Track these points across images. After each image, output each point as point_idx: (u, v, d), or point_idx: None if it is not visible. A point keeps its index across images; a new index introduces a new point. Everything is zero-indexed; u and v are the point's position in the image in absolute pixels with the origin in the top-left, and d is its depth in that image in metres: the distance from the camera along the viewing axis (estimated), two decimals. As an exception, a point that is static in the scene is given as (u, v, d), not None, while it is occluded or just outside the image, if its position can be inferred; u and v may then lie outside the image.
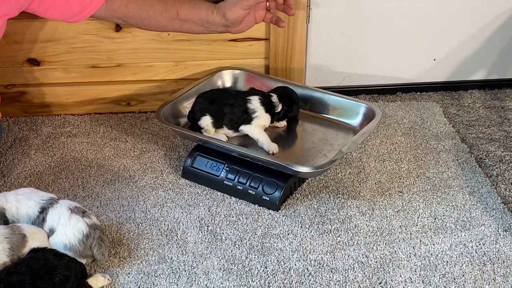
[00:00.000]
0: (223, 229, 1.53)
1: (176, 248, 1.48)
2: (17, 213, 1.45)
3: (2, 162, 1.74)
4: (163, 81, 1.93)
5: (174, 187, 1.67)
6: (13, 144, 1.81)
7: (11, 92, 1.89)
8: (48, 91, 1.92)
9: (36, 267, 1.27)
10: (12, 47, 1.83)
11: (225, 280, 1.40)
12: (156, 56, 1.89)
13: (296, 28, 1.85)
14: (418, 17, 1.95)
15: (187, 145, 1.82)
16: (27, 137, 1.84)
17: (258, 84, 1.85)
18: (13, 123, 1.89)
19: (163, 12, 1.61)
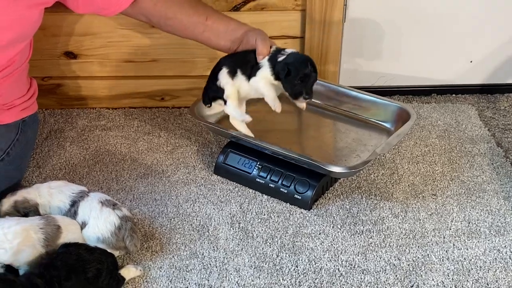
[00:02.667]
0: (255, 227, 1.53)
1: (207, 244, 1.48)
2: (49, 206, 1.48)
3: (38, 153, 1.76)
4: (197, 77, 1.94)
5: (206, 183, 1.68)
6: (49, 136, 1.83)
7: (47, 84, 1.91)
8: (84, 84, 1.94)
9: (70, 262, 1.29)
10: (50, 40, 1.85)
11: (256, 278, 1.40)
12: (191, 52, 1.90)
13: (332, 26, 1.84)
14: (455, 18, 1.93)
15: (220, 142, 1.82)
16: (62, 129, 1.86)
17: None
18: (49, 115, 1.92)
19: (192, 15, 1.58)
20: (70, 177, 1.68)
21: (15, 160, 1.56)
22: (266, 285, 1.38)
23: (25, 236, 1.34)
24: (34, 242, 1.35)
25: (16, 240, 1.33)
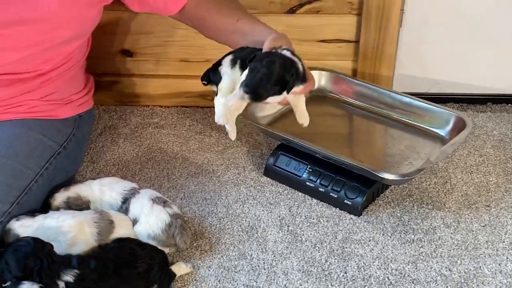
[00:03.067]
0: (304, 230, 1.53)
1: (256, 246, 1.49)
2: (101, 203, 1.50)
3: (92, 148, 1.79)
4: (249, 78, 1.94)
5: (256, 184, 1.68)
6: (103, 131, 1.87)
7: (103, 81, 1.94)
8: (138, 82, 1.97)
9: (122, 256, 1.31)
10: (108, 38, 1.88)
11: (304, 282, 1.40)
12: (244, 53, 1.91)
13: (388, 31, 1.83)
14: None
15: (270, 144, 1.82)
16: (116, 126, 1.89)
17: (345, 87, 1.84)
18: (103, 111, 1.95)
19: (225, 17, 1.54)
20: (122, 173, 1.70)
21: (71, 154, 1.60)
22: (314, 289, 1.39)
23: (79, 230, 1.37)
24: (88, 236, 1.37)
25: (70, 233, 1.36)
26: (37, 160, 1.49)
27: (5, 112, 1.51)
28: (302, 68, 1.35)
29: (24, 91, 1.51)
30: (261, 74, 1.28)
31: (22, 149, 1.47)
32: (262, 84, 1.29)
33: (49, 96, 1.56)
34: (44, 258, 1.24)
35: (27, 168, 1.46)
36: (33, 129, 1.52)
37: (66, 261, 1.27)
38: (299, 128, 1.71)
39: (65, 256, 1.29)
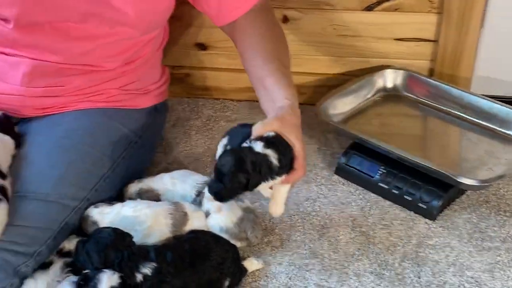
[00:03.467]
0: (376, 232, 1.51)
1: (327, 245, 1.47)
2: (173, 196, 1.51)
3: (165, 140, 1.81)
4: (323, 74, 1.93)
5: (327, 182, 1.66)
6: (176, 123, 1.88)
7: (177, 73, 1.96)
8: (211, 75, 1.97)
9: (197, 248, 1.32)
10: (183, 31, 1.89)
11: (377, 285, 1.38)
12: (319, 49, 1.89)
13: (469, 32, 1.77)
14: None
15: (342, 142, 1.79)
16: (188, 118, 1.90)
17: (421, 87, 1.80)
18: (176, 103, 1.97)
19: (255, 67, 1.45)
20: (194, 166, 1.71)
21: (146, 144, 1.62)
22: (387, 293, 1.36)
23: (155, 220, 1.38)
24: (163, 226, 1.39)
25: (146, 223, 1.37)
26: (114, 149, 1.51)
27: (86, 101, 1.54)
28: (288, 157, 1.27)
29: (104, 80, 1.54)
30: (219, 175, 1.24)
31: (101, 138, 1.50)
32: (219, 188, 1.24)
33: (128, 85, 1.58)
34: (124, 250, 1.26)
35: (105, 156, 1.48)
36: (112, 119, 1.54)
37: (145, 253, 1.28)
38: (372, 127, 1.71)
39: (143, 247, 1.31)
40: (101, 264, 1.24)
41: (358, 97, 1.79)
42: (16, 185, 1.35)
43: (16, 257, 1.27)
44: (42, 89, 1.49)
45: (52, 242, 1.35)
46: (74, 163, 1.42)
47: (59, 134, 1.47)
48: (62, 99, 1.52)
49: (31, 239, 1.30)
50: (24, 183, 1.36)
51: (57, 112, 1.52)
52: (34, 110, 1.52)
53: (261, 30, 1.48)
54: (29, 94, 1.49)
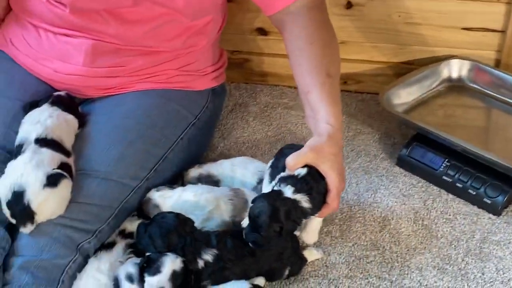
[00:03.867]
0: (439, 226, 1.47)
1: (389, 237, 1.44)
2: (232, 182, 1.50)
3: (223, 124, 1.80)
4: (385, 63, 1.88)
5: (388, 174, 1.63)
6: (234, 109, 1.87)
7: (236, 58, 1.94)
8: (270, 61, 1.95)
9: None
10: (244, 15, 1.87)
11: (439, 280, 1.34)
12: (382, 36, 1.84)
13: (540, 22, 1.71)
14: None
15: (403, 132, 1.75)
16: (246, 104, 1.89)
17: (487, 78, 1.75)
18: (234, 88, 1.95)
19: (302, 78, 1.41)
20: (252, 152, 1.70)
21: (203, 127, 1.61)
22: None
23: (215, 205, 1.38)
24: (223, 212, 1.38)
25: (207, 208, 1.37)
26: (173, 130, 1.51)
27: (145, 81, 1.54)
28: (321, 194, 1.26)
29: (163, 61, 1.54)
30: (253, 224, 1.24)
31: (161, 119, 1.50)
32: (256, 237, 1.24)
33: (186, 67, 1.58)
34: (187, 235, 1.26)
35: (164, 137, 1.49)
36: (171, 100, 1.54)
37: (206, 239, 1.28)
38: (437, 118, 1.66)
39: (205, 233, 1.31)
40: (164, 248, 1.25)
41: (422, 87, 1.75)
42: (79, 163, 1.37)
43: (79, 234, 1.29)
44: (103, 69, 1.50)
45: (113, 221, 1.36)
46: (134, 143, 1.43)
47: (120, 115, 1.48)
48: (123, 80, 1.52)
49: (93, 217, 1.32)
50: (86, 162, 1.38)
51: (119, 93, 1.53)
52: (96, 90, 1.53)
53: (309, 30, 1.42)
54: (91, 75, 1.50)
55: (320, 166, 1.26)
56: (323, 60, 1.39)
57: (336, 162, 1.28)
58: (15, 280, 1.21)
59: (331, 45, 1.44)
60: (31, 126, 1.35)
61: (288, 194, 1.23)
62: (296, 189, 1.24)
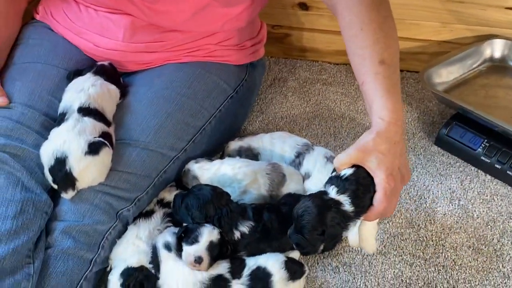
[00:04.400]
0: (475, 207, 1.46)
1: (424, 216, 1.44)
2: (271, 155, 1.51)
3: (262, 99, 1.81)
4: (426, 41, 1.86)
5: (426, 153, 1.62)
6: (273, 83, 1.87)
7: (276, 33, 1.94)
8: (310, 36, 1.94)
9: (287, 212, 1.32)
10: (286, -11, 1.87)
11: (474, 260, 1.34)
12: (423, 14, 1.82)
13: None
14: None
15: (443, 112, 1.74)
16: (285, 79, 1.89)
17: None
18: (273, 63, 1.95)
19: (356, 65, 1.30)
20: (290, 127, 1.71)
21: (241, 100, 1.62)
22: (484, 269, 1.32)
23: (253, 179, 1.39)
24: (260, 185, 1.40)
25: (244, 181, 1.38)
26: (213, 102, 1.53)
27: (186, 56, 1.55)
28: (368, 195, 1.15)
29: (203, 36, 1.54)
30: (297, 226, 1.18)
31: (200, 90, 1.51)
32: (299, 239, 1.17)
33: (225, 41, 1.58)
34: (223, 207, 1.28)
35: (204, 108, 1.50)
36: (210, 72, 1.55)
37: (243, 211, 1.30)
38: (477, 98, 1.64)
39: (241, 206, 1.32)
40: (200, 219, 1.27)
41: (464, 66, 1.73)
42: (119, 133, 1.40)
43: (118, 201, 1.32)
44: (142, 44, 1.51)
45: (152, 190, 1.39)
46: (174, 114, 1.45)
47: (160, 85, 1.50)
48: (162, 55, 1.54)
49: (133, 185, 1.35)
50: (126, 131, 1.41)
51: (159, 65, 1.55)
52: (136, 65, 1.55)
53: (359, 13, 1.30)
54: (130, 50, 1.51)
55: (366, 165, 1.15)
56: (375, 47, 1.27)
57: (385, 160, 1.15)
58: (58, 243, 1.25)
59: (385, 26, 1.30)
60: (75, 94, 1.38)
61: (332, 195, 1.16)
62: (339, 190, 1.16)
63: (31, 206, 1.24)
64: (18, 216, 1.21)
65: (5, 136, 1.32)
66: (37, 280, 1.20)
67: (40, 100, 1.41)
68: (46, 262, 1.23)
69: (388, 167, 1.14)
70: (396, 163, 1.16)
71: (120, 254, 1.29)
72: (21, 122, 1.35)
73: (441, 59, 1.70)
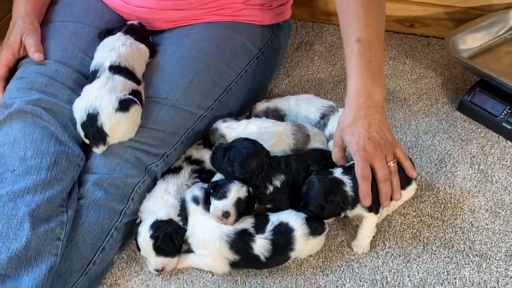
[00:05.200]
0: (495, 172, 1.49)
1: (444, 179, 1.47)
2: (297, 117, 1.55)
3: (288, 62, 1.84)
4: (452, 7, 1.86)
5: (448, 118, 1.64)
6: (299, 47, 1.90)
7: (304, -4, 1.96)
8: (337, 0, 1.95)
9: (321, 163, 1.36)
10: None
11: (491, 222, 1.38)
12: (449, -20, 1.83)
13: None
14: None
15: (467, 78, 1.76)
16: (312, 43, 1.91)
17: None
18: (300, 27, 1.97)
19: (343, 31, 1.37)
20: (315, 90, 1.74)
21: (267, 60, 1.65)
22: (501, 231, 1.36)
23: (278, 139, 1.43)
24: (285, 145, 1.43)
25: (270, 141, 1.42)
26: (239, 62, 1.56)
27: (212, 14, 1.58)
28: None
29: None
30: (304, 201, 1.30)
31: (227, 50, 1.54)
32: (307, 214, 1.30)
33: (252, 0, 1.60)
34: (265, 163, 1.32)
35: (230, 68, 1.53)
36: (237, 32, 1.58)
37: (277, 164, 1.34)
38: (502, 65, 1.65)
39: (275, 158, 1.36)
40: (241, 174, 1.31)
41: (489, 33, 1.74)
42: (149, 91, 1.44)
43: (147, 157, 1.37)
44: (170, 2, 1.54)
45: (180, 147, 1.43)
46: (201, 73, 1.48)
47: (188, 45, 1.53)
48: (190, 13, 1.56)
49: (161, 142, 1.39)
50: (155, 89, 1.44)
51: (187, 24, 1.58)
52: (164, 22, 1.58)
53: None
54: (159, 7, 1.54)
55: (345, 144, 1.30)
56: (355, 26, 1.32)
57: (354, 133, 1.27)
58: (89, 194, 1.31)
59: (370, 3, 1.33)
60: (106, 53, 1.41)
61: (336, 174, 1.28)
62: (344, 170, 1.28)
63: (64, 158, 1.30)
64: (52, 168, 1.27)
65: (40, 91, 1.37)
66: (70, 228, 1.26)
67: (73, 57, 1.45)
68: (78, 212, 1.29)
69: (357, 141, 1.26)
70: (367, 134, 1.26)
71: (150, 207, 1.35)
72: (55, 78, 1.40)
73: (466, 26, 1.71)
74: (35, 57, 1.41)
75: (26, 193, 1.22)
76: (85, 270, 1.28)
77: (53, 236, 1.22)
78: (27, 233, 1.19)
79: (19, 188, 1.22)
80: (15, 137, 1.29)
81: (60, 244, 1.22)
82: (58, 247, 1.22)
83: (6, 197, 1.22)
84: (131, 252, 1.38)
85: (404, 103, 1.69)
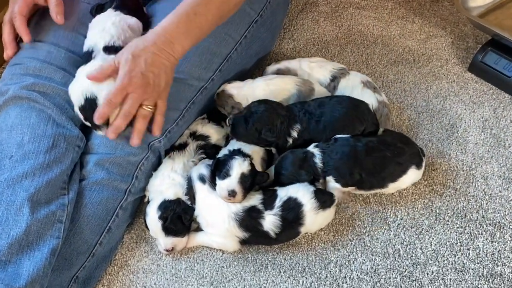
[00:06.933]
0: (508, 135, 1.45)
1: (455, 146, 1.44)
2: (309, 78, 1.52)
3: (293, 25, 1.78)
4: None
5: (459, 80, 1.60)
6: (304, 8, 1.83)
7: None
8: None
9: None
10: None
11: (504, 189, 1.35)
12: None
13: None
14: None
15: (478, 37, 1.70)
16: (317, 3, 1.85)
17: None
18: (304, -14, 1.91)
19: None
20: (322, 54, 1.69)
21: (267, 23, 1.58)
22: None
23: (281, 88, 1.44)
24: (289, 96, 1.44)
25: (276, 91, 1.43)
26: (237, 28, 1.50)
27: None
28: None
29: None
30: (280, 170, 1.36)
31: None
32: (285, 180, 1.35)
33: None
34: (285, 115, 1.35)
35: (228, 36, 1.48)
36: None
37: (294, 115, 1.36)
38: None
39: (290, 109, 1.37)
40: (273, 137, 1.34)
41: (501, -11, 1.67)
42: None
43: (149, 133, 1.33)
44: None
45: (182, 121, 1.40)
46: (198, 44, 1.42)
47: None
48: None
49: (162, 118, 1.36)
50: None
51: None
52: (158, -8, 1.52)
53: None
54: None
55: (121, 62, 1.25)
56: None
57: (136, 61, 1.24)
58: (92, 175, 1.29)
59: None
60: (98, 33, 1.35)
61: (310, 148, 1.33)
62: (317, 144, 1.33)
63: (62, 140, 1.28)
64: (50, 150, 1.25)
65: (34, 75, 1.34)
66: (74, 210, 1.25)
67: (65, 37, 1.42)
68: (81, 193, 1.28)
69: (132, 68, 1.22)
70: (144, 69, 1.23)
71: (157, 186, 1.33)
72: (48, 61, 1.37)
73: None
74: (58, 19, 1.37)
75: (24, 178, 1.21)
76: (91, 252, 1.27)
77: (54, 219, 1.21)
78: (26, 218, 1.18)
79: (17, 173, 1.21)
80: (12, 123, 1.27)
81: (62, 227, 1.22)
82: (60, 230, 1.22)
83: (5, 184, 1.21)
84: (140, 231, 1.37)
85: (414, 65, 1.64)
